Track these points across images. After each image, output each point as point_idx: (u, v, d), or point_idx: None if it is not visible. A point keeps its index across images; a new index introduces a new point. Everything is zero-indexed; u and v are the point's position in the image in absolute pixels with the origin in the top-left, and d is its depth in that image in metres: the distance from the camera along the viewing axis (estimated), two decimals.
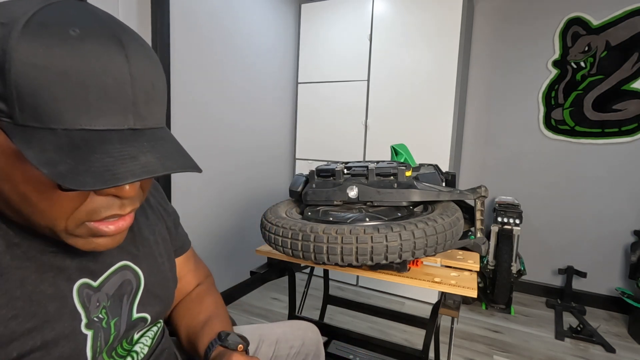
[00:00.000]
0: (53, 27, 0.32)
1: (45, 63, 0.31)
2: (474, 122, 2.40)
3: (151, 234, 0.58)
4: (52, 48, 0.31)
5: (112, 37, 0.35)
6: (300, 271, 2.21)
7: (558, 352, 1.72)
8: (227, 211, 2.04)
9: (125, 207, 0.40)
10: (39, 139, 0.32)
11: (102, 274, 0.48)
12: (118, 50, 0.34)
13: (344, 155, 2.31)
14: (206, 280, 0.75)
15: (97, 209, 0.38)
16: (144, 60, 0.37)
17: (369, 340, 1.21)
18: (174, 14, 1.58)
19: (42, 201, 0.36)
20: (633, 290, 2.02)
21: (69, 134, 0.32)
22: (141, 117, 0.37)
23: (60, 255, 0.44)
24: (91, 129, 0.33)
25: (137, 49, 0.36)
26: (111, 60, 0.34)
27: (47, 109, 0.32)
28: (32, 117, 0.32)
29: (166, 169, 0.35)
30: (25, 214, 0.38)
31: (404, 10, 2.05)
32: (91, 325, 0.45)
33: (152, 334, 0.58)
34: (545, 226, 2.28)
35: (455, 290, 0.82)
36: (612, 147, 2.09)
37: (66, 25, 0.32)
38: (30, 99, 0.31)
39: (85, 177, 0.31)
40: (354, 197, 0.89)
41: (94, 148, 0.33)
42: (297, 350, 0.80)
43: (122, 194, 0.39)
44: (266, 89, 2.24)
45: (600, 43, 2.05)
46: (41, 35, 0.31)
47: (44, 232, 0.40)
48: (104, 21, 0.35)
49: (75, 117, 0.33)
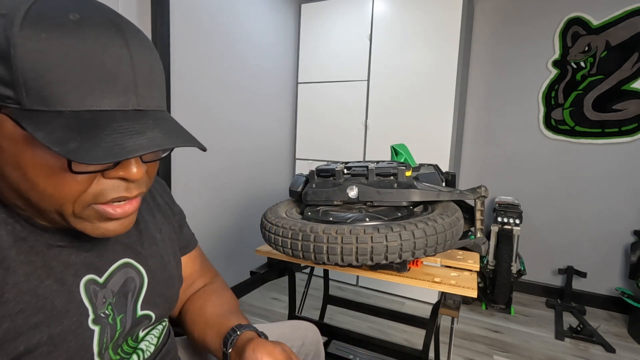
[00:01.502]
0: (53, 13, 0.33)
1: (47, 46, 0.32)
2: (474, 122, 2.39)
3: (158, 232, 0.59)
4: (53, 32, 0.32)
5: (110, 22, 0.36)
6: (300, 271, 2.21)
7: (558, 352, 1.72)
8: (227, 211, 2.03)
9: (132, 189, 0.41)
10: (47, 122, 0.33)
11: (106, 270, 0.48)
12: (117, 33, 0.36)
13: (344, 155, 2.31)
14: (216, 279, 0.74)
15: (104, 190, 0.39)
16: (141, 45, 0.38)
17: (369, 340, 1.21)
18: (174, 14, 1.58)
19: (51, 185, 0.37)
20: (633, 290, 2.02)
21: (76, 115, 0.34)
22: (143, 98, 0.38)
23: (66, 250, 0.44)
24: (97, 109, 0.35)
25: (134, 35, 0.38)
26: (110, 41, 0.35)
27: (52, 92, 0.33)
28: (38, 100, 0.33)
29: (173, 143, 0.37)
30: (35, 201, 0.38)
31: (404, 10, 2.05)
32: (98, 320, 0.45)
33: (157, 333, 0.58)
34: (545, 226, 2.28)
35: (455, 290, 0.82)
36: (612, 147, 2.09)
37: (65, 11, 0.34)
38: (35, 83, 0.32)
39: (96, 151, 0.32)
40: (354, 197, 0.89)
41: (101, 126, 0.34)
42: (297, 350, 0.80)
43: (129, 176, 0.39)
44: (266, 88, 2.24)
45: (600, 43, 2.05)
46: (42, 22, 0.32)
47: (53, 218, 0.40)
48: (102, 8, 0.37)
49: (81, 98, 0.34)
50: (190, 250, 0.70)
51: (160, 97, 0.41)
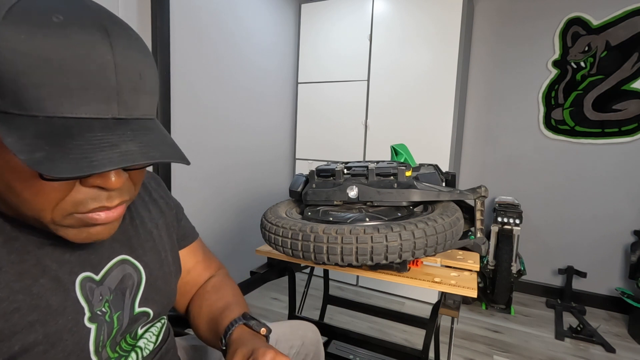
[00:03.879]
0: (36, 14, 0.31)
1: (27, 49, 0.31)
2: (474, 122, 2.39)
3: (154, 227, 0.58)
4: (34, 34, 0.31)
5: (96, 25, 0.34)
6: (300, 271, 2.21)
7: (558, 352, 1.72)
8: (227, 211, 2.03)
9: (113, 199, 0.39)
10: (19, 126, 0.31)
11: (102, 267, 0.48)
12: (102, 37, 0.34)
13: (344, 155, 2.31)
14: (219, 271, 0.75)
15: (83, 200, 0.38)
16: (130, 49, 0.36)
17: (368, 340, 1.21)
18: (174, 14, 1.58)
19: (26, 190, 0.36)
20: (633, 290, 2.02)
21: (50, 121, 0.32)
22: (126, 107, 0.36)
23: (59, 248, 0.44)
24: (73, 117, 0.33)
25: (123, 38, 0.36)
26: (94, 47, 0.33)
27: (28, 96, 0.31)
28: (13, 103, 0.31)
29: (147, 158, 0.35)
30: (13, 205, 0.38)
31: (404, 11, 2.05)
32: (94, 319, 0.45)
33: (156, 330, 0.57)
34: (545, 226, 2.28)
35: (455, 290, 0.82)
36: (612, 147, 2.09)
37: (50, 11, 0.32)
38: (12, 85, 0.31)
39: (61, 163, 0.31)
40: (354, 197, 0.89)
41: (73, 135, 0.32)
42: (297, 350, 0.80)
43: (107, 185, 0.37)
44: (266, 88, 2.24)
45: (600, 43, 2.05)
46: (23, 22, 0.31)
47: (34, 224, 0.39)
48: (89, 9, 0.35)
49: (57, 104, 0.32)
50: (191, 242, 0.70)
51: (149, 105, 0.39)
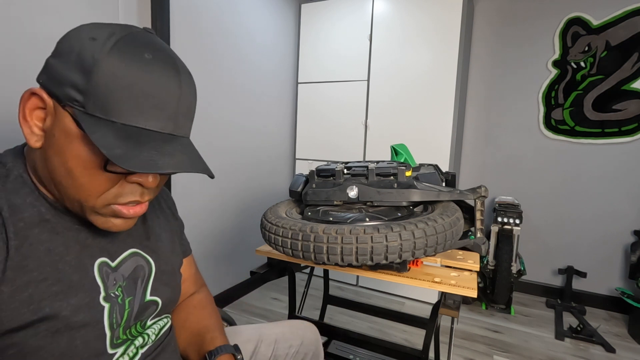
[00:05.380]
0: (134, 50, 0.44)
1: (123, 74, 0.42)
2: (474, 122, 2.39)
3: (163, 231, 0.66)
4: (131, 64, 0.43)
5: (172, 64, 0.46)
6: (300, 271, 2.21)
7: (558, 352, 1.72)
8: (227, 211, 2.03)
9: (145, 195, 0.49)
10: (101, 127, 0.42)
11: (118, 256, 0.55)
12: (175, 74, 0.46)
13: (344, 155, 2.31)
14: (202, 288, 0.79)
15: (123, 193, 0.47)
16: (190, 86, 0.49)
17: (368, 340, 1.21)
18: (174, 14, 1.58)
19: (84, 177, 0.44)
20: (633, 290, 2.02)
21: (125, 128, 0.43)
22: (179, 127, 0.48)
23: (83, 233, 0.51)
24: (143, 127, 0.44)
25: (187, 76, 0.48)
26: (169, 81, 0.45)
27: (113, 106, 0.42)
28: (100, 109, 0.42)
29: (195, 169, 0.46)
30: (64, 187, 0.46)
31: (404, 11, 2.05)
32: (108, 299, 0.51)
33: (162, 324, 0.62)
34: (545, 226, 2.28)
35: (455, 290, 0.82)
36: (612, 147, 2.09)
37: (143, 50, 0.44)
38: (103, 97, 0.42)
39: (135, 161, 0.41)
40: (354, 197, 0.89)
41: (142, 142, 0.43)
42: (296, 349, 0.80)
43: (146, 183, 0.47)
44: (266, 88, 2.24)
45: (600, 43, 2.05)
46: (125, 54, 0.43)
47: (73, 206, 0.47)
48: (166, 51, 0.47)
49: (133, 116, 0.43)
50: (187, 255, 0.75)
51: (189, 127, 0.50)
